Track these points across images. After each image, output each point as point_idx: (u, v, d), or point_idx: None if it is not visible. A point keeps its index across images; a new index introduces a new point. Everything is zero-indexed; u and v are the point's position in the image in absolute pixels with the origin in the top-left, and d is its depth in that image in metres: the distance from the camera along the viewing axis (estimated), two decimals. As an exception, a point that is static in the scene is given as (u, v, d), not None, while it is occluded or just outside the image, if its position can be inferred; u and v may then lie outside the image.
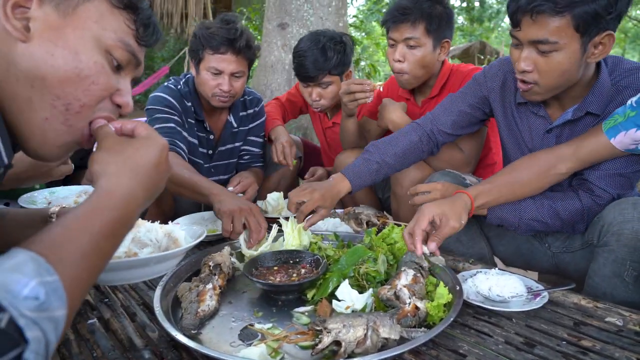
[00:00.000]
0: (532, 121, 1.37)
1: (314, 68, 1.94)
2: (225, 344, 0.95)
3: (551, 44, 1.10)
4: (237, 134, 2.06)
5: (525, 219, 1.31)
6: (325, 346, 0.85)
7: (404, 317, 0.93)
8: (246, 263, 1.22)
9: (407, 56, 1.73)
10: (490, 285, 1.14)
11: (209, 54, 1.77)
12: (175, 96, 1.86)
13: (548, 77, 1.16)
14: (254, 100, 2.10)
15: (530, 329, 1.01)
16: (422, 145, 1.54)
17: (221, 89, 1.80)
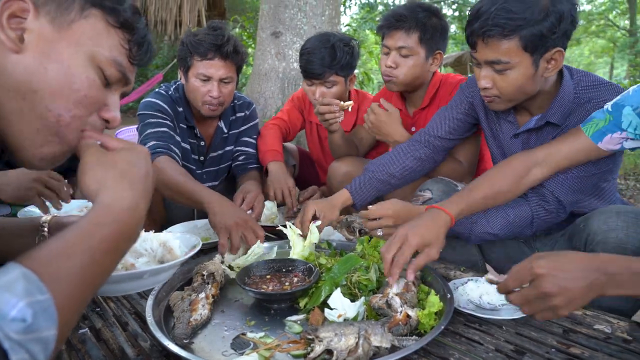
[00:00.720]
0: (504, 126, 1.45)
1: (322, 65, 1.94)
2: (218, 353, 0.95)
3: (504, 63, 1.20)
4: (227, 139, 2.08)
5: (477, 232, 1.33)
6: (317, 355, 0.86)
7: (396, 325, 0.94)
8: (239, 272, 1.22)
9: (399, 63, 1.76)
10: (480, 293, 1.15)
11: (197, 61, 1.79)
12: (167, 101, 1.87)
13: (506, 92, 1.26)
14: (244, 104, 2.11)
15: (520, 337, 1.02)
16: (423, 162, 1.59)
17: (211, 95, 1.81)
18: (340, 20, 4.51)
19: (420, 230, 1.11)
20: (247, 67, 9.03)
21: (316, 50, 1.95)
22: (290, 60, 3.96)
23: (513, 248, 1.56)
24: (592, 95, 1.26)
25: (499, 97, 1.28)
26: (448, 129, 1.57)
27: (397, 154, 1.59)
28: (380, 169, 1.57)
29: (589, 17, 21.48)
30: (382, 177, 1.55)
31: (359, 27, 12.40)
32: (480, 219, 1.32)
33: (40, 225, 1.01)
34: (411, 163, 1.58)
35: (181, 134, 1.92)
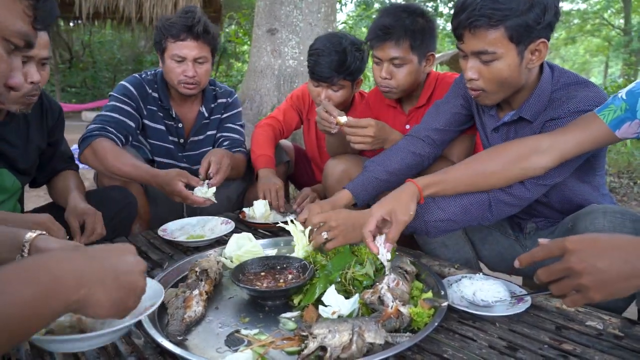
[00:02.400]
0: (486, 119, 1.47)
1: (330, 69, 1.92)
2: (212, 349, 0.95)
3: (490, 54, 1.22)
4: (209, 124, 2.14)
5: (431, 221, 1.29)
6: (311, 352, 0.86)
7: (388, 318, 0.94)
8: (233, 269, 1.22)
9: (393, 74, 1.74)
10: (474, 290, 1.15)
11: (171, 43, 1.88)
12: (136, 84, 1.98)
13: (492, 84, 1.27)
14: (225, 92, 2.18)
15: (513, 333, 1.03)
16: (423, 158, 1.57)
17: (186, 74, 1.89)
18: (336, 17, 4.50)
19: (384, 202, 1.18)
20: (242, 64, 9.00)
21: (326, 53, 1.91)
22: (286, 57, 3.95)
23: (505, 246, 1.58)
24: (568, 93, 1.27)
25: (485, 91, 1.28)
26: (445, 120, 1.57)
27: (396, 152, 1.58)
28: (380, 168, 1.55)
29: (584, 16, 21.57)
30: (382, 175, 1.54)
31: (355, 24, 12.39)
32: (431, 207, 1.29)
33: (22, 243, 0.97)
34: (411, 160, 1.57)
35: (151, 114, 2.02)
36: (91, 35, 13.19)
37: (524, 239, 1.54)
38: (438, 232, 1.33)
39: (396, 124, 1.90)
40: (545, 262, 0.90)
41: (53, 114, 1.68)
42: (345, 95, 2.01)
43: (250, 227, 1.74)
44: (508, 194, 1.27)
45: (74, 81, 12.45)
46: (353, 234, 1.25)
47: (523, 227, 1.54)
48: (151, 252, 1.54)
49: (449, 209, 1.29)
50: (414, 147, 1.57)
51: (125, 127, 1.91)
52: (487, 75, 1.25)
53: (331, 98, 1.99)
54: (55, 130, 1.71)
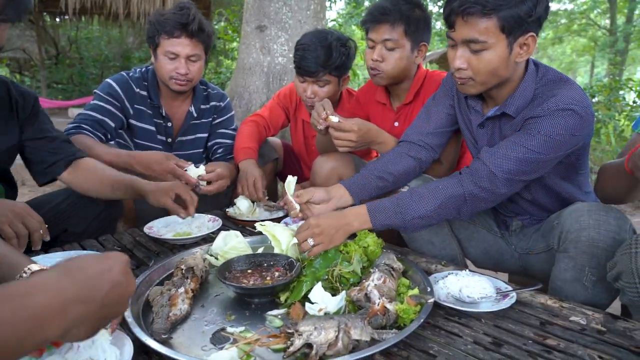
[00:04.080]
0: (472, 115, 1.47)
1: (316, 64, 1.93)
2: (197, 348, 0.94)
3: (481, 42, 1.22)
4: (198, 126, 2.11)
5: (409, 218, 1.29)
6: (297, 349, 0.86)
7: (374, 316, 0.94)
8: (219, 266, 1.21)
9: (385, 57, 1.75)
10: (460, 286, 1.16)
11: (165, 39, 1.85)
12: (122, 83, 1.95)
13: (480, 74, 1.27)
14: (217, 94, 2.15)
15: (499, 329, 1.03)
16: (422, 162, 1.56)
17: (178, 72, 1.87)
18: (326, 15, 4.49)
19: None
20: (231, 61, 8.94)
21: (312, 48, 1.92)
22: (275, 54, 3.93)
23: (491, 243, 1.59)
24: (546, 89, 1.28)
25: (472, 79, 1.29)
26: (437, 123, 1.56)
27: (397, 156, 1.56)
28: (380, 168, 1.53)
29: (571, 16, 21.81)
30: (383, 175, 1.51)
31: (345, 22, 12.38)
32: (409, 206, 1.29)
33: (22, 272, 0.96)
34: (411, 164, 1.55)
35: (139, 114, 1.98)
36: (78, 31, 12.99)
37: (510, 236, 1.55)
38: (416, 228, 1.33)
39: (385, 121, 1.90)
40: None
41: (25, 106, 1.54)
42: (332, 91, 2.01)
43: (238, 224, 1.73)
44: (482, 189, 1.27)
45: (61, 77, 12.26)
46: (337, 236, 1.25)
47: (509, 224, 1.55)
48: (137, 249, 1.53)
49: (426, 205, 1.29)
50: (413, 152, 1.56)
51: (103, 125, 1.89)
52: (476, 64, 1.25)
53: (317, 94, 1.99)
54: (33, 120, 1.56)
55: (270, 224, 1.35)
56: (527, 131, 1.25)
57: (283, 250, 1.30)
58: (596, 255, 1.17)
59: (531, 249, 1.47)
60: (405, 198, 1.31)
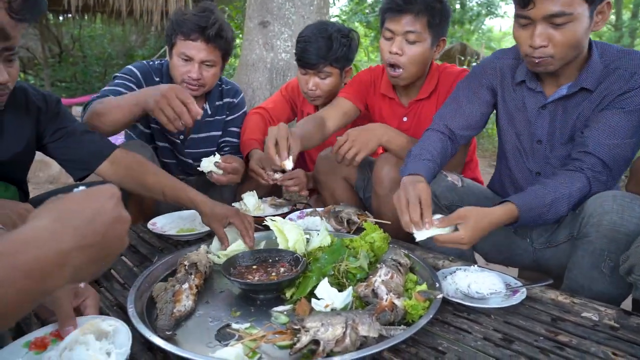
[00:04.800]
0: (528, 99, 1.41)
1: (317, 55, 1.90)
2: (202, 344, 0.93)
3: (566, 15, 1.16)
4: (212, 123, 2.05)
5: (550, 219, 1.26)
6: (304, 345, 0.84)
7: (382, 312, 0.92)
8: (224, 262, 1.20)
9: (405, 50, 1.64)
10: (469, 282, 1.14)
11: (181, 40, 1.80)
12: (143, 70, 1.89)
13: (563, 49, 1.22)
14: (231, 90, 2.09)
15: (509, 325, 1.01)
16: (448, 146, 1.49)
17: (190, 75, 1.81)
18: (329, 11, 4.46)
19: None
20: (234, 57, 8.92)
21: (313, 39, 1.90)
22: (279, 50, 3.91)
23: (502, 238, 1.56)
24: (621, 63, 1.27)
25: (552, 57, 1.23)
26: (467, 120, 1.50)
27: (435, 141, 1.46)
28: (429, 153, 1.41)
29: (576, 11, 21.61)
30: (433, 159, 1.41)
31: (349, 19, 12.33)
32: (546, 211, 1.24)
33: None
34: (442, 151, 1.46)
35: None
36: (81, 29, 13.00)
37: (530, 230, 1.51)
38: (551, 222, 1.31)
39: (392, 116, 1.87)
40: None
41: (47, 110, 1.51)
42: (334, 84, 1.98)
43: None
44: (601, 183, 1.25)
45: (64, 75, 12.27)
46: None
47: None
48: (140, 245, 1.51)
49: (563, 206, 1.25)
50: (441, 141, 1.47)
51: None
52: (558, 39, 1.19)
53: (319, 86, 1.97)
54: (56, 122, 1.52)
55: (280, 220, 1.33)
56: (623, 109, 1.24)
57: (288, 247, 1.28)
58: (616, 240, 1.14)
59: (551, 241, 1.44)
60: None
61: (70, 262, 0.54)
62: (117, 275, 1.30)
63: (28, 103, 1.49)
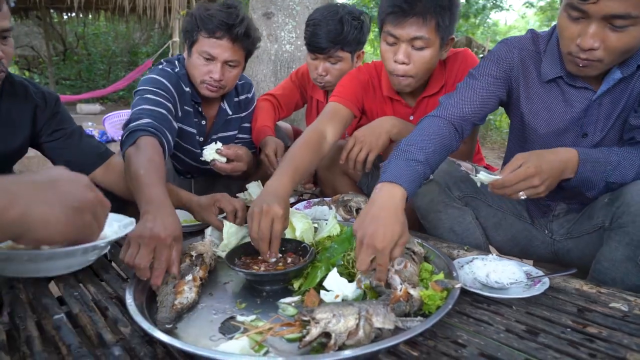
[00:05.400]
0: (570, 95, 1.26)
1: (327, 39, 1.82)
2: (205, 338, 0.87)
3: (633, 18, 1.00)
4: (231, 122, 1.94)
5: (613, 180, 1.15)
6: (314, 338, 0.78)
7: (397, 302, 0.86)
8: (228, 252, 1.14)
9: (412, 57, 1.46)
10: (488, 271, 1.08)
11: (204, 37, 1.64)
12: (172, 80, 1.69)
13: (615, 55, 1.08)
14: (245, 85, 1.98)
15: (532, 317, 0.95)
16: (452, 140, 1.28)
17: (212, 76, 1.67)
18: (334, 1, 4.39)
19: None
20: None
21: (322, 23, 1.81)
22: (283, 42, 3.84)
23: (520, 230, 1.49)
24: None
25: (600, 61, 1.09)
26: (478, 107, 1.33)
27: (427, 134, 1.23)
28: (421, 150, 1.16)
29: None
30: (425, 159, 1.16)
31: (353, 13, 12.19)
32: (610, 170, 1.14)
33: None
34: (443, 142, 1.24)
35: (186, 116, 1.77)
36: (85, 27, 13.00)
37: (550, 222, 1.44)
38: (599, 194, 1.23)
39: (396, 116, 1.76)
40: None
41: (46, 108, 1.47)
42: (345, 69, 1.90)
43: (247, 211, 1.66)
44: None
45: (69, 73, 12.29)
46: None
47: (552, 208, 1.44)
48: (142, 238, 1.46)
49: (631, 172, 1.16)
50: (445, 129, 1.27)
51: (175, 131, 1.58)
52: (613, 43, 1.04)
53: (329, 71, 1.89)
54: (53, 121, 1.49)
55: None
56: None
57: (295, 236, 1.22)
58: None
59: (572, 232, 1.37)
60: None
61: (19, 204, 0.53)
62: (117, 267, 1.25)
63: (27, 98, 1.46)
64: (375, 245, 0.95)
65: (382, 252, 0.94)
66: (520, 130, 1.43)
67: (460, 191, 1.44)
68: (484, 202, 1.48)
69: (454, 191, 1.44)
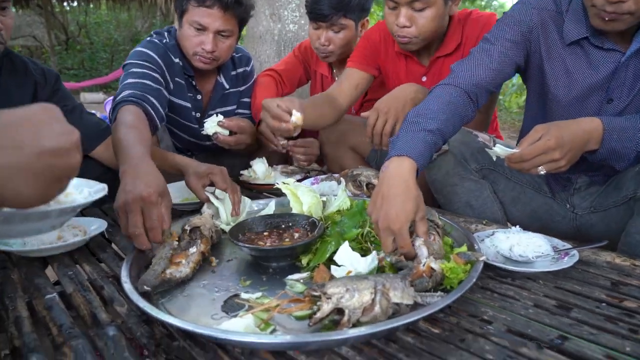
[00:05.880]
0: (596, 57, 1.17)
1: (330, 5, 1.72)
2: (206, 316, 0.80)
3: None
4: (228, 97, 1.86)
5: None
6: (325, 314, 0.70)
7: (419, 277, 0.79)
8: (232, 228, 1.06)
9: (414, 20, 1.43)
10: (511, 244, 1.00)
11: (194, 6, 1.56)
12: (160, 52, 1.62)
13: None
14: (243, 58, 1.89)
15: (562, 291, 0.87)
16: (467, 108, 1.19)
17: (204, 47, 1.59)
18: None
19: None
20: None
21: None
22: (286, 21, 3.73)
23: (539, 204, 1.40)
24: None
25: (631, 14, 1.01)
26: (494, 74, 1.24)
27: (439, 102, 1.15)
28: (433, 119, 1.07)
29: None
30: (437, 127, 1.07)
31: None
32: None
33: None
34: (456, 110, 1.16)
35: (178, 89, 1.70)
36: (87, 16, 12.91)
37: (571, 195, 1.35)
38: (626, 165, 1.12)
39: (409, 78, 1.69)
40: None
41: (46, 86, 1.43)
42: (348, 38, 1.81)
43: (252, 189, 1.59)
44: None
45: (71, 63, 12.23)
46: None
47: (573, 182, 1.35)
48: (142, 217, 1.39)
49: None
50: (458, 97, 1.18)
51: (164, 99, 1.53)
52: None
53: (332, 41, 1.80)
54: (53, 99, 1.43)
55: (293, 182, 1.19)
56: None
57: (303, 211, 1.15)
58: None
59: (596, 206, 1.28)
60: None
61: None
62: (115, 246, 1.19)
63: (27, 75, 1.42)
64: (390, 228, 0.88)
65: (399, 233, 0.87)
66: (539, 99, 1.33)
67: (477, 163, 1.35)
68: (503, 175, 1.40)
69: (471, 163, 1.35)
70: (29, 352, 0.72)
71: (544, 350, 0.68)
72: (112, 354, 0.70)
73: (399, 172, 0.95)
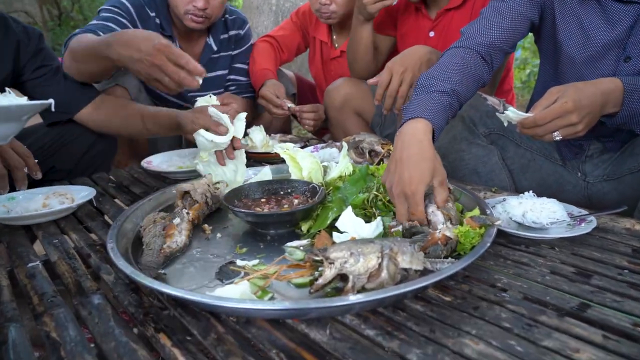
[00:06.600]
0: (613, 11, 1.09)
1: None
2: (199, 284, 0.75)
3: None
4: (218, 60, 1.78)
5: None
6: (328, 281, 0.65)
7: (433, 245, 0.73)
8: (226, 193, 1.00)
9: None
10: (524, 210, 0.93)
11: None
12: (134, 3, 1.58)
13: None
14: (237, 20, 1.81)
15: (580, 258, 0.81)
16: (481, 70, 1.12)
17: (195, 5, 1.52)
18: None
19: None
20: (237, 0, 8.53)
21: None
22: (284, -10, 3.60)
23: (550, 172, 1.34)
24: None
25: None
26: (508, 33, 1.16)
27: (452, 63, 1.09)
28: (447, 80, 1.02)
29: None
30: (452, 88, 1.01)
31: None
32: None
33: None
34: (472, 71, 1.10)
35: None
36: (80, -10, 12.57)
37: (583, 162, 1.28)
38: None
39: (416, 32, 1.60)
40: None
41: (29, 44, 1.36)
42: None
43: (250, 158, 1.52)
44: None
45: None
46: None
47: (585, 149, 1.28)
48: (134, 186, 1.33)
49: None
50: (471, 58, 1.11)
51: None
52: None
53: (334, 1, 1.70)
54: (37, 58, 1.38)
55: (292, 147, 1.12)
56: None
57: (302, 177, 1.08)
58: None
59: (610, 173, 1.22)
60: None
61: None
62: (106, 215, 1.13)
63: (8, 33, 1.33)
64: (404, 192, 0.82)
65: (413, 197, 0.81)
66: (552, 59, 1.25)
67: (486, 127, 1.29)
68: (512, 141, 1.33)
69: (479, 127, 1.28)
70: (6, 321, 0.66)
71: (565, 318, 0.63)
72: (96, 323, 0.64)
73: (413, 134, 0.88)
